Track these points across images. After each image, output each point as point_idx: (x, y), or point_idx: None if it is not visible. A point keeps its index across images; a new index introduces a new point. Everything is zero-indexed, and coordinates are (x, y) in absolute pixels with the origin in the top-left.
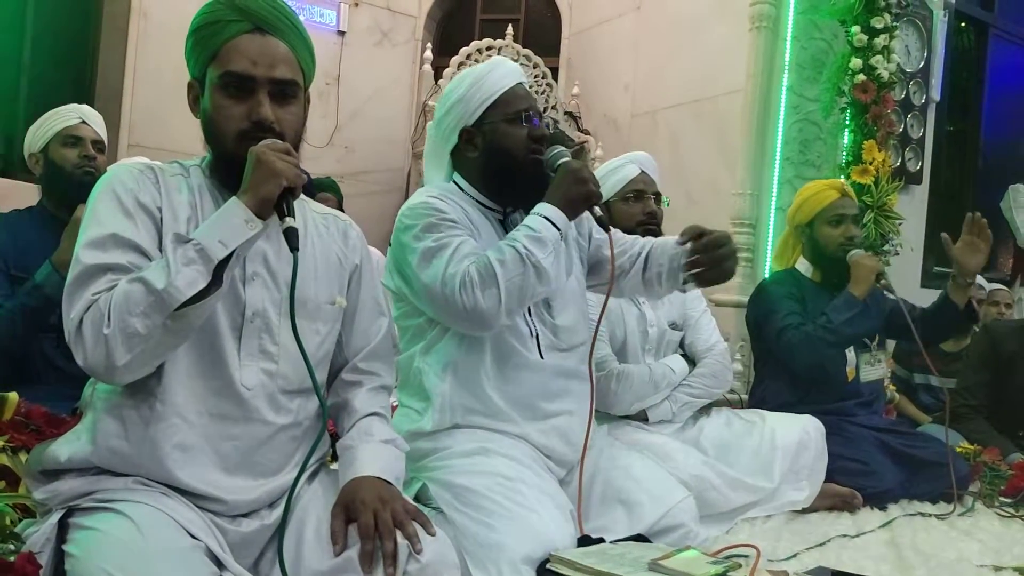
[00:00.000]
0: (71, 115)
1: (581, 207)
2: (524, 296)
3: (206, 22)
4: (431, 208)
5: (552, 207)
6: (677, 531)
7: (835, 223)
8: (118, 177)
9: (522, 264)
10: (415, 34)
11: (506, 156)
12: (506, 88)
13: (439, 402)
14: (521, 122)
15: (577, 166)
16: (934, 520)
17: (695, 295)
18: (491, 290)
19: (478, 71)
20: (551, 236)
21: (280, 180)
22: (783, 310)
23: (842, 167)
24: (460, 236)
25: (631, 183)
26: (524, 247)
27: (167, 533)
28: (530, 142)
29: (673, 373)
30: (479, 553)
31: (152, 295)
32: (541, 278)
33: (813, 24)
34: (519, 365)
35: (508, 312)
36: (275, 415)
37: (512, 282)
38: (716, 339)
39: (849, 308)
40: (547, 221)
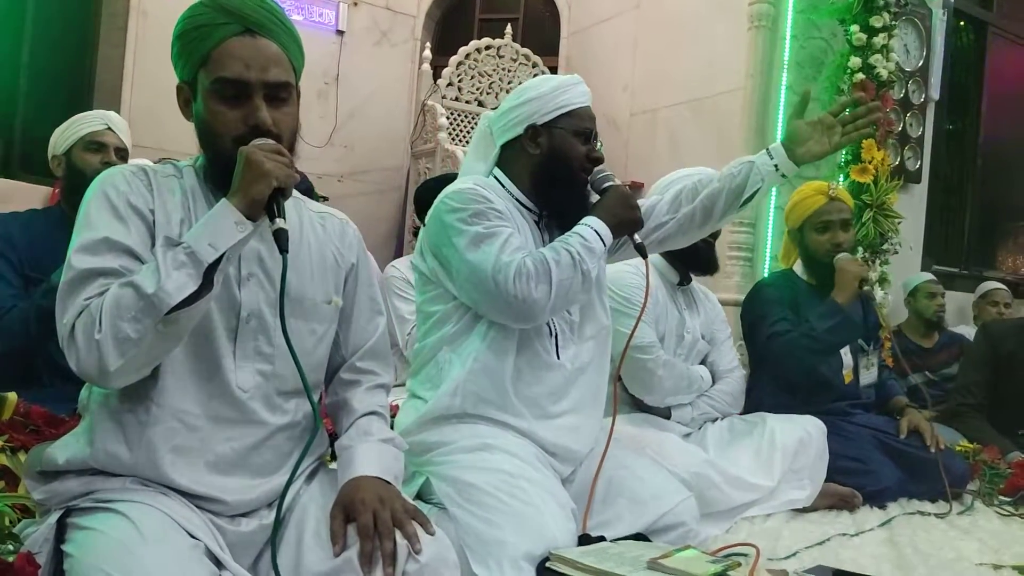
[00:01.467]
0: (97, 121)
1: (626, 229)
2: (570, 298)
3: (193, 25)
4: (480, 195)
5: (602, 223)
6: (677, 530)
7: (821, 229)
8: (110, 180)
9: (574, 268)
10: (414, 34)
11: (563, 163)
12: (582, 105)
13: (452, 387)
14: (585, 139)
15: (627, 192)
16: (933, 519)
17: (723, 318)
18: (544, 285)
19: (564, 80)
20: (599, 250)
21: (270, 180)
22: (772, 316)
23: (841, 166)
24: (509, 228)
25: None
26: (578, 253)
27: (166, 533)
28: (585, 160)
29: (703, 380)
30: (480, 549)
31: (142, 299)
32: (586, 285)
33: (812, 23)
34: (537, 365)
35: (553, 309)
36: (272, 416)
37: (563, 283)
38: (736, 364)
39: (832, 316)
40: (597, 235)
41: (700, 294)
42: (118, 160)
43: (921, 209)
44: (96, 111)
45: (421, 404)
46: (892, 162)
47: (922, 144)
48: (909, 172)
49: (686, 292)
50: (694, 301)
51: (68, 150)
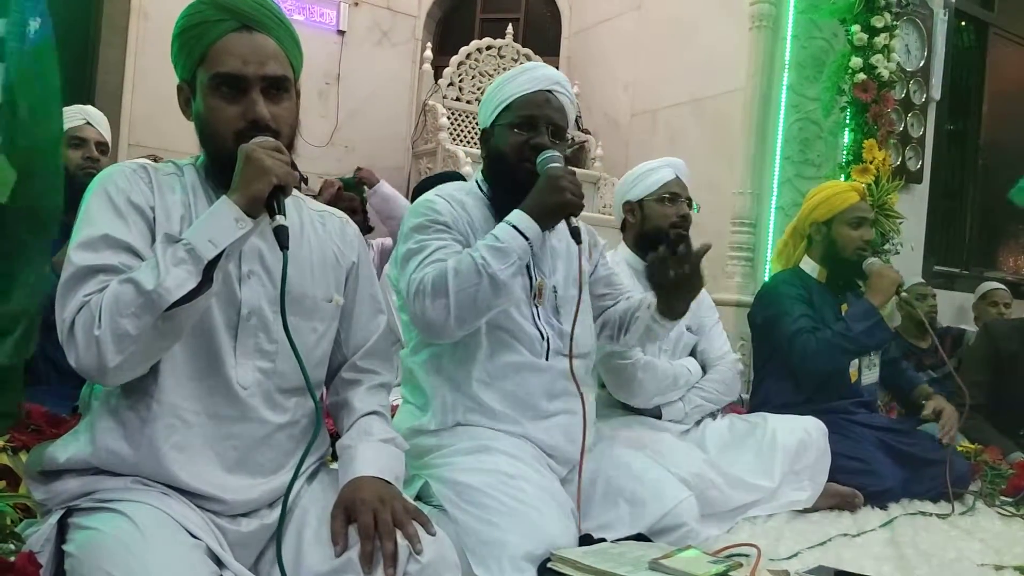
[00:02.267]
0: (76, 116)
1: (557, 216)
2: (478, 308)
3: (191, 24)
4: (428, 208)
5: (524, 215)
6: (678, 530)
7: (855, 225)
8: (110, 177)
9: (477, 275)
10: (415, 33)
11: (502, 161)
12: (521, 94)
13: (439, 403)
14: (519, 128)
15: (558, 173)
16: (935, 519)
17: (709, 304)
18: (440, 300)
19: (507, 74)
20: (517, 246)
21: (270, 178)
22: (794, 312)
23: (842, 166)
24: (441, 240)
25: (666, 185)
26: (482, 257)
27: (167, 533)
28: (525, 149)
29: (690, 374)
30: (481, 550)
31: (142, 296)
32: (498, 290)
33: (813, 23)
34: (521, 367)
35: (459, 323)
36: (272, 414)
37: (464, 293)
38: (727, 349)
39: (868, 317)
40: (515, 230)
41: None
42: (99, 154)
43: (922, 209)
44: (74, 106)
45: (416, 412)
46: (893, 162)
47: (923, 144)
48: (910, 172)
49: None
50: None
51: None
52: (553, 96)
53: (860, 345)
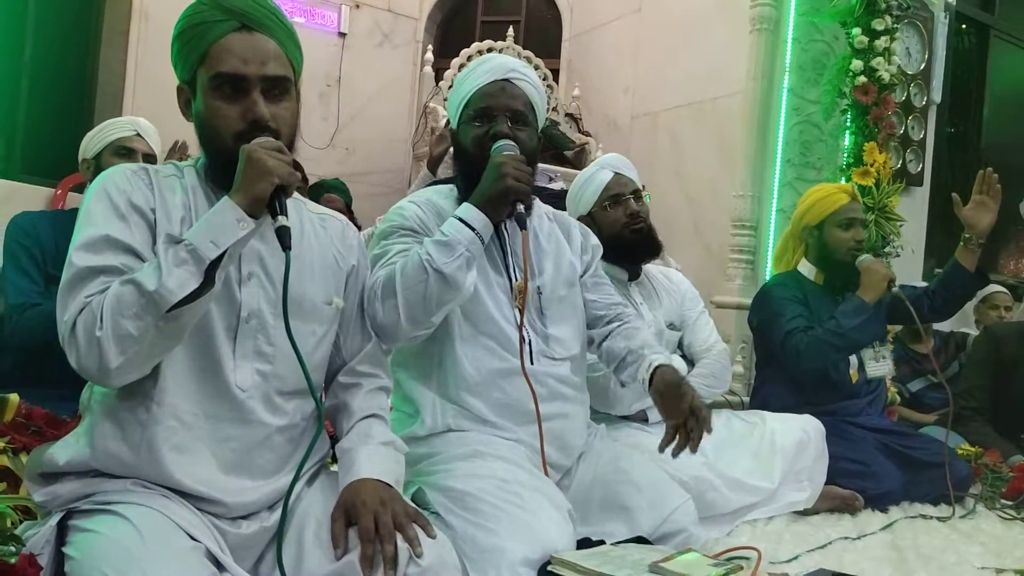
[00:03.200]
0: (127, 127)
1: (502, 203)
2: (428, 305)
3: (191, 24)
4: (397, 214)
5: (470, 206)
6: (678, 536)
7: (845, 227)
8: (111, 179)
9: (423, 271)
10: (416, 36)
11: (464, 156)
12: (476, 88)
13: (428, 409)
14: (477, 121)
15: (501, 159)
16: (935, 522)
17: (693, 295)
18: (390, 301)
19: (463, 72)
20: (463, 238)
21: (272, 178)
22: (789, 313)
23: (843, 169)
24: (403, 245)
25: (606, 189)
26: (427, 253)
27: (166, 535)
28: (484, 141)
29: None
30: (478, 557)
31: (144, 296)
32: (448, 284)
33: (814, 26)
34: (506, 372)
35: (412, 322)
36: (271, 416)
37: (413, 291)
38: (715, 339)
39: (859, 313)
40: (461, 223)
41: (660, 280)
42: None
43: (923, 212)
44: (127, 117)
45: (407, 419)
46: (894, 165)
47: (924, 147)
48: (911, 175)
49: (641, 285)
50: (653, 291)
51: (98, 154)
52: (509, 84)
53: (852, 341)
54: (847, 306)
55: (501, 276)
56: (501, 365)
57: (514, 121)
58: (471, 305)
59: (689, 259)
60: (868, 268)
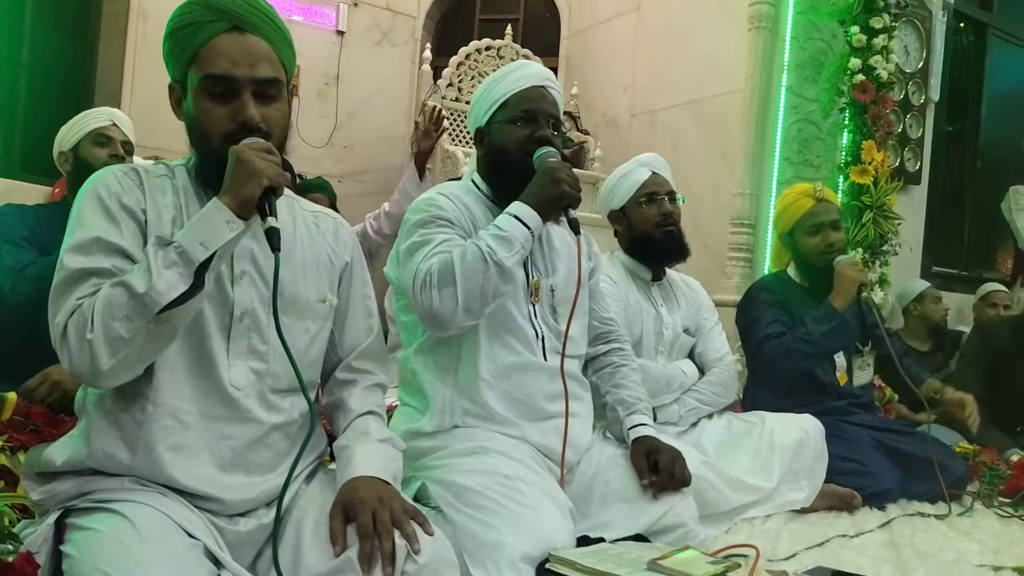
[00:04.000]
0: (103, 117)
1: (555, 207)
2: (486, 295)
3: (182, 24)
4: (431, 204)
5: (524, 206)
6: (676, 531)
7: (813, 232)
8: (102, 180)
9: (484, 263)
10: (414, 34)
11: (503, 155)
12: (516, 91)
13: (438, 404)
14: (521, 123)
15: (555, 166)
16: (933, 520)
17: (709, 305)
18: (448, 289)
19: (497, 74)
20: (520, 235)
21: (261, 179)
22: (766, 318)
23: (841, 167)
24: (446, 234)
25: (643, 186)
26: (488, 245)
27: (164, 532)
28: (527, 143)
29: (685, 376)
30: (479, 552)
31: (134, 299)
32: (504, 277)
33: (812, 24)
34: (520, 367)
35: (467, 311)
36: (267, 414)
37: (472, 281)
38: (726, 351)
39: (828, 320)
40: (517, 220)
41: (680, 286)
42: (124, 153)
43: (921, 210)
44: (101, 108)
45: (413, 413)
46: (892, 163)
47: (922, 145)
48: (909, 173)
49: (663, 287)
50: (673, 295)
51: (75, 145)
52: (546, 91)
53: (821, 348)
54: (817, 312)
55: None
56: (516, 360)
57: (553, 128)
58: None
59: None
60: (840, 272)
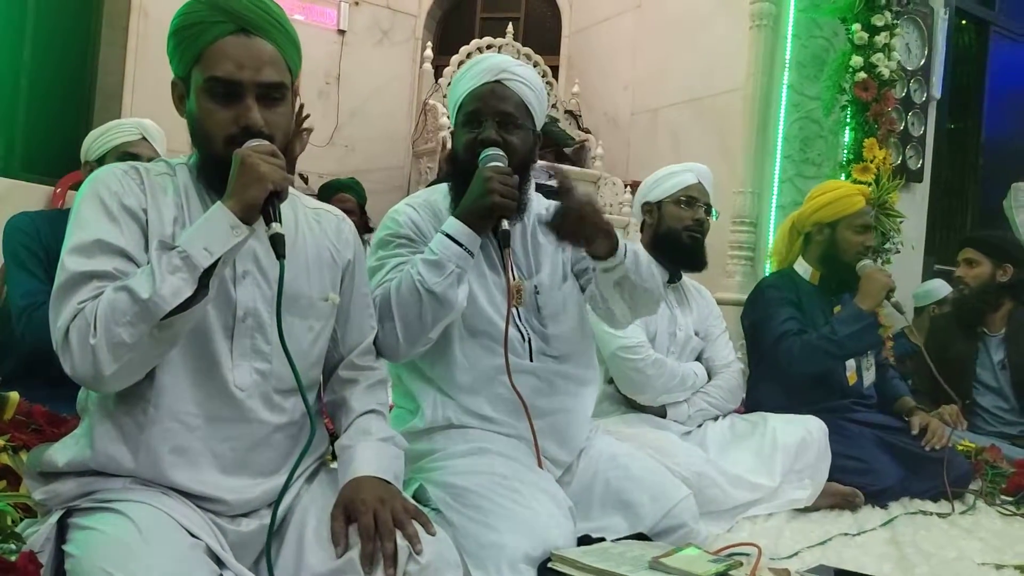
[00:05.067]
0: (132, 131)
1: (487, 219)
2: (424, 325)
3: (187, 23)
4: (392, 220)
5: (457, 222)
6: (678, 531)
7: (859, 231)
8: (102, 180)
9: (416, 293)
10: (415, 33)
11: (455, 162)
12: (467, 91)
13: (428, 407)
14: (465, 127)
15: (487, 174)
16: (935, 518)
17: (718, 313)
18: (388, 323)
19: (456, 75)
20: (452, 254)
21: (266, 184)
22: (782, 315)
23: (843, 165)
24: (400, 256)
25: (686, 189)
26: (419, 274)
27: (167, 532)
28: (472, 146)
29: (696, 377)
30: (479, 553)
31: (137, 304)
32: (441, 304)
33: (814, 22)
34: (503, 369)
35: (409, 343)
36: (271, 414)
37: (408, 312)
38: (733, 358)
39: (856, 321)
40: (448, 239)
41: (693, 291)
42: None
43: (923, 208)
44: (132, 119)
45: (407, 415)
46: (894, 161)
47: (924, 143)
48: (911, 171)
49: (677, 290)
50: (686, 298)
51: (101, 158)
52: (500, 85)
53: (846, 349)
54: (844, 313)
55: (498, 275)
56: (499, 363)
57: (503, 125)
58: (468, 304)
59: None
60: (868, 275)
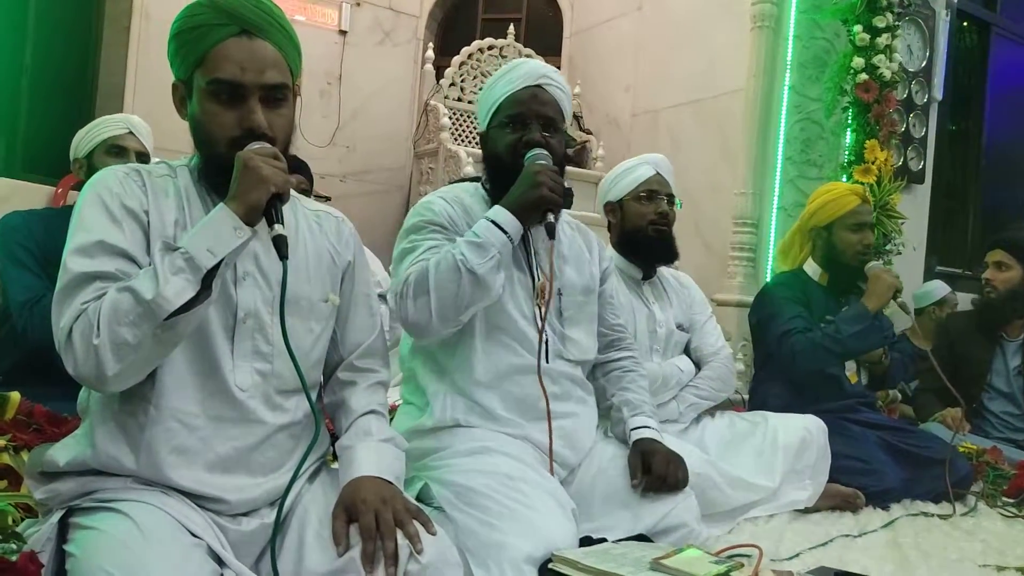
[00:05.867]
0: (119, 125)
1: (534, 210)
2: (460, 305)
3: (189, 26)
4: (426, 208)
5: (503, 210)
6: (679, 531)
7: (855, 229)
8: (104, 182)
9: (456, 272)
10: (417, 33)
11: (497, 160)
12: (508, 94)
13: (438, 403)
14: (510, 128)
15: (537, 168)
16: (937, 520)
17: (702, 299)
18: (422, 299)
19: (493, 76)
20: (496, 241)
21: (268, 186)
22: (787, 313)
23: (844, 166)
24: (434, 240)
25: (645, 183)
26: (461, 253)
27: (168, 532)
28: (519, 146)
29: (681, 373)
30: (481, 552)
31: (141, 305)
32: (479, 285)
33: (815, 23)
34: (522, 369)
35: (442, 320)
36: (272, 415)
37: (445, 290)
38: (721, 344)
39: (860, 321)
40: (494, 225)
41: (671, 282)
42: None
43: (924, 209)
44: (119, 115)
45: (415, 412)
46: (895, 162)
47: (925, 144)
48: (912, 172)
49: (653, 285)
50: (664, 292)
51: (89, 153)
52: (541, 90)
53: (849, 348)
54: (848, 312)
55: (524, 274)
56: (517, 361)
57: (545, 128)
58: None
59: (690, 257)
60: (876, 276)
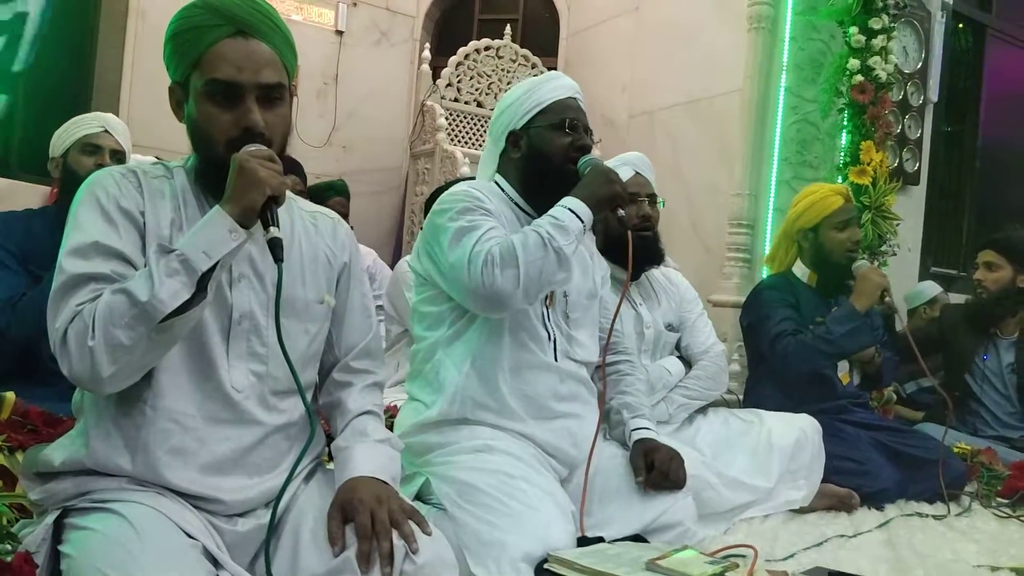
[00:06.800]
0: (94, 124)
1: (607, 205)
2: (543, 280)
3: (184, 28)
4: (469, 195)
5: (578, 201)
6: (675, 529)
7: (841, 228)
8: (99, 183)
9: (543, 248)
10: (413, 34)
11: (544, 160)
12: (557, 99)
13: (451, 393)
14: (564, 129)
15: (607, 168)
16: (931, 520)
17: (692, 296)
18: (510, 270)
19: (535, 80)
20: (575, 227)
21: (264, 189)
22: (778, 316)
23: (840, 168)
24: (491, 222)
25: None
26: (547, 232)
27: (163, 532)
28: (570, 150)
29: (669, 375)
30: (479, 550)
31: (136, 307)
32: (562, 264)
33: (811, 25)
34: (533, 365)
35: (526, 293)
36: (267, 416)
37: (532, 264)
38: (712, 341)
39: (850, 320)
40: (572, 213)
41: (660, 281)
42: (113, 163)
43: (919, 211)
44: (94, 114)
45: (421, 407)
46: (891, 164)
47: (920, 146)
48: (907, 174)
49: (641, 285)
50: (652, 292)
51: (65, 152)
52: (580, 103)
53: (840, 348)
54: (838, 313)
55: None
56: (530, 358)
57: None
58: None
59: (686, 258)
60: (863, 275)
